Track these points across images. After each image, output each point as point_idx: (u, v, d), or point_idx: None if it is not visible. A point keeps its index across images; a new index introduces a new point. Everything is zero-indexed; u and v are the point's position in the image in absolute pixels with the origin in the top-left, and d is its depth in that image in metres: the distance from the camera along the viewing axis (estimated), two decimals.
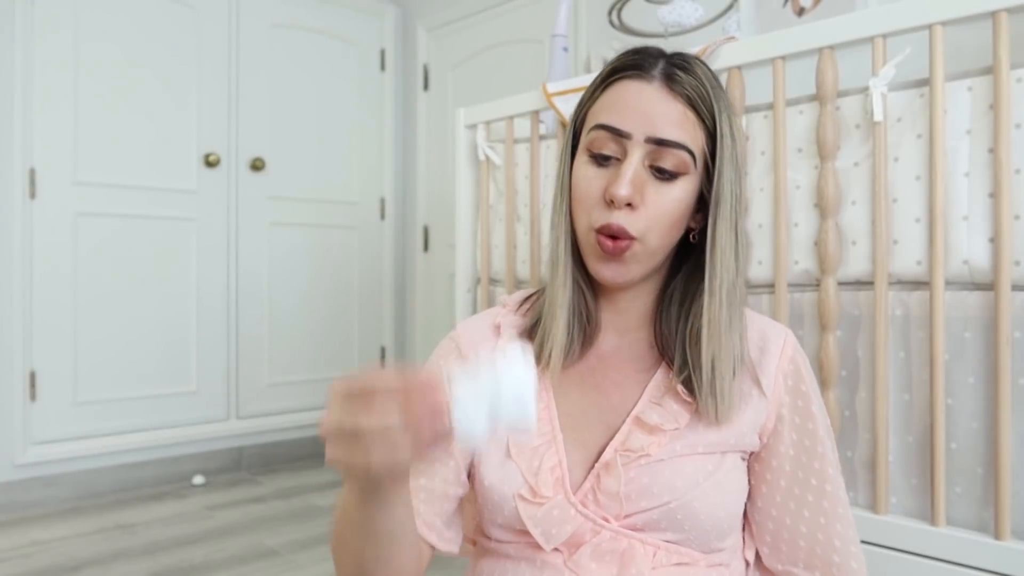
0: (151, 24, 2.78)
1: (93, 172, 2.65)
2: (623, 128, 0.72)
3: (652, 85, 0.72)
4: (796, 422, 0.77)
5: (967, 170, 1.09)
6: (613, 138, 0.72)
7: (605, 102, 0.74)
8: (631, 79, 0.73)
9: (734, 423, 0.74)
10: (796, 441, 0.77)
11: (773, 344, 0.78)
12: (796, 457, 0.76)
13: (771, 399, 0.76)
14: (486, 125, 1.83)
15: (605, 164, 0.74)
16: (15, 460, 2.49)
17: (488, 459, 0.75)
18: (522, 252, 1.76)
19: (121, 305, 2.72)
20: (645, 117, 0.71)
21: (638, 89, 0.72)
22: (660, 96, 0.72)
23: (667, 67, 0.73)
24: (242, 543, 2.18)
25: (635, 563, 0.70)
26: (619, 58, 0.76)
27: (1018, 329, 1.04)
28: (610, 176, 0.73)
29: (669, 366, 0.77)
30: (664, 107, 0.72)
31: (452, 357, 0.82)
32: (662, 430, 0.73)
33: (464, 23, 3.22)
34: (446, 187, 3.26)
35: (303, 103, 3.18)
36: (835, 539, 0.76)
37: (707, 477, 0.72)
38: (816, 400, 0.78)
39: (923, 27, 1.11)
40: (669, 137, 0.71)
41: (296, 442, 3.15)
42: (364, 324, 3.38)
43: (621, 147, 0.73)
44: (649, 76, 0.73)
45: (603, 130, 0.73)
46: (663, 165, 0.72)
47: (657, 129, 0.71)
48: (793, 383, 0.77)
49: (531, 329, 0.80)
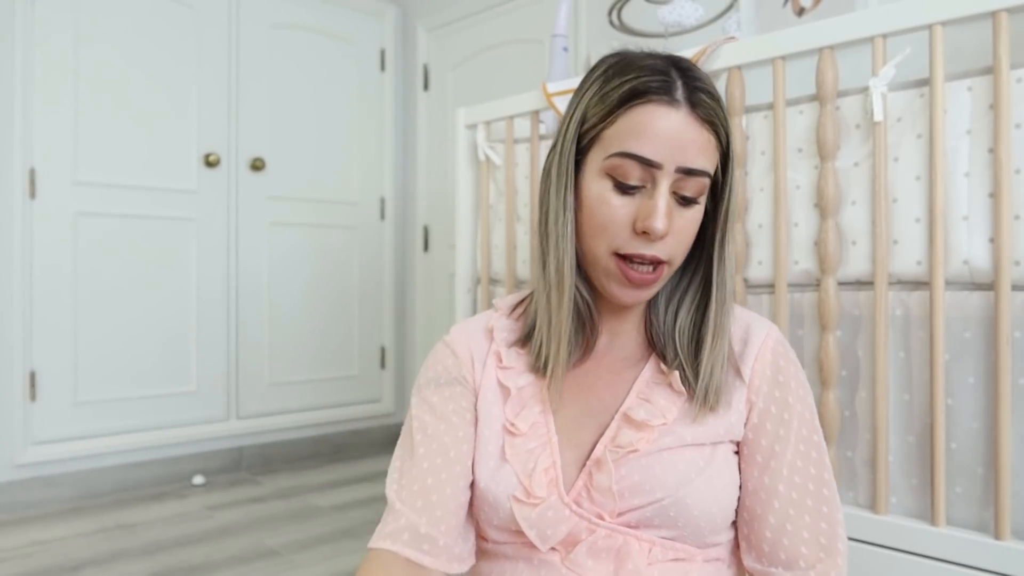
0: (151, 24, 2.78)
1: (93, 172, 2.65)
2: (655, 159, 0.70)
3: (679, 112, 0.70)
4: (772, 411, 0.76)
5: (967, 170, 1.09)
6: (641, 167, 0.71)
7: (629, 127, 0.71)
8: (656, 104, 0.70)
9: (722, 414, 0.75)
10: (771, 431, 0.76)
11: (756, 336, 0.79)
12: (770, 447, 0.75)
13: (748, 387, 0.77)
14: (486, 125, 1.83)
15: (630, 193, 0.72)
16: (15, 460, 2.49)
17: (484, 463, 0.76)
18: (522, 252, 1.76)
19: (121, 305, 2.72)
20: (676, 147, 0.70)
21: (666, 116, 0.70)
22: (688, 124, 0.70)
23: (689, 90, 0.71)
24: (242, 543, 2.18)
25: (631, 559, 0.71)
26: (639, 79, 0.71)
27: (1018, 329, 1.04)
28: (638, 206, 0.72)
29: (658, 359, 0.79)
30: (692, 135, 0.71)
31: (451, 364, 0.82)
32: (649, 425, 0.74)
33: (464, 23, 3.22)
34: (446, 187, 3.26)
35: (303, 103, 3.18)
36: (820, 530, 0.73)
37: (699, 472, 0.72)
38: (796, 391, 0.77)
39: (923, 27, 1.11)
40: (697, 166, 0.71)
41: (296, 442, 3.15)
42: (364, 324, 3.38)
43: (649, 176, 0.71)
44: (674, 101, 0.70)
45: (632, 159, 0.70)
46: (687, 193, 0.72)
47: (688, 159, 0.70)
48: (771, 373, 0.78)
49: (526, 336, 0.81)
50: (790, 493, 0.74)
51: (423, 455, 0.76)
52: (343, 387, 3.31)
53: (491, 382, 0.80)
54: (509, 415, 0.77)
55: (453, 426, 0.77)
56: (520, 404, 0.78)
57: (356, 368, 3.36)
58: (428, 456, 0.76)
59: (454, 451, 0.76)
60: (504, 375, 0.80)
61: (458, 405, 0.79)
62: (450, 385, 0.80)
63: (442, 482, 0.74)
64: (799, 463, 0.75)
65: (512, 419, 0.77)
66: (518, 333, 0.82)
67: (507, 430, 0.77)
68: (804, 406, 0.77)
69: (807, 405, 0.78)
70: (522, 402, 0.78)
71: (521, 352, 0.81)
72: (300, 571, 1.98)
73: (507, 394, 0.79)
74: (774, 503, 0.74)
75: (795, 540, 0.72)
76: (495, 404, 0.79)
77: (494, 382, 0.80)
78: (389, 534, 0.72)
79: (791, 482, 0.74)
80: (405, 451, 0.78)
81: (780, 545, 0.73)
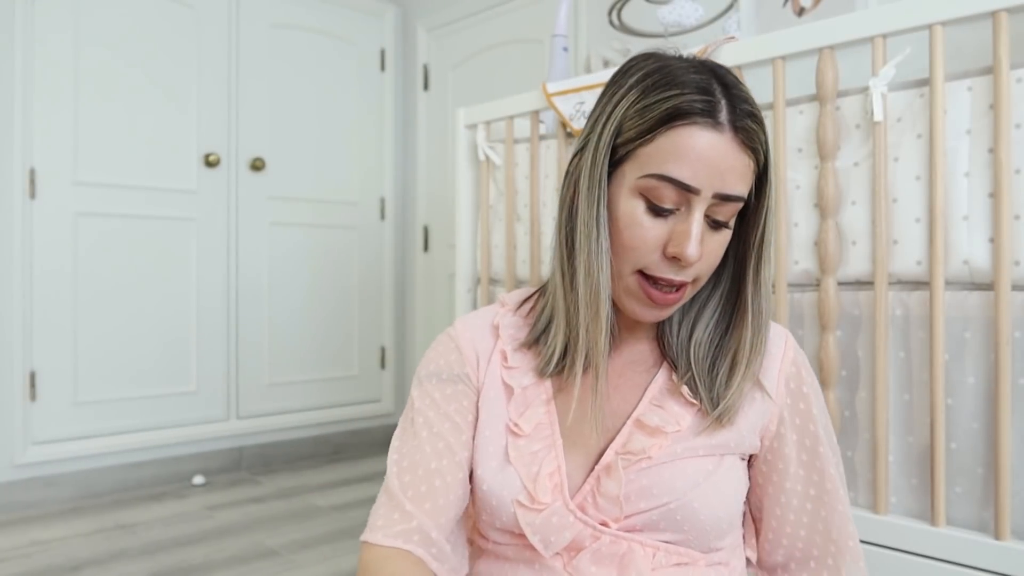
0: (151, 24, 2.78)
1: (93, 172, 2.65)
2: (694, 185, 0.67)
3: (723, 136, 0.67)
4: (797, 423, 0.77)
5: (967, 170, 1.09)
6: (677, 191, 0.68)
7: (669, 148, 0.67)
8: (701, 127, 0.67)
9: (735, 425, 0.75)
10: (797, 442, 0.77)
11: (775, 347, 0.78)
12: (797, 457, 0.77)
13: (775, 401, 0.77)
14: (486, 125, 1.83)
15: (663, 215, 0.70)
16: (15, 460, 2.49)
17: (487, 463, 0.75)
18: (522, 252, 1.76)
19: (121, 305, 2.72)
20: (716, 173, 0.67)
21: (709, 142, 0.67)
22: (730, 149, 0.68)
23: (734, 113, 0.68)
24: (242, 543, 2.18)
25: (635, 565, 0.70)
26: (681, 94, 0.67)
27: (1018, 329, 1.04)
28: (671, 230, 0.69)
29: (671, 368, 0.77)
30: (733, 161, 0.68)
31: (454, 360, 0.80)
32: (663, 432, 0.73)
33: (464, 23, 3.22)
34: (446, 187, 3.26)
35: (303, 103, 3.18)
36: (832, 530, 0.77)
37: (707, 477, 0.72)
38: (816, 401, 0.78)
39: (923, 27, 1.11)
40: (735, 193, 0.69)
41: (296, 442, 3.15)
42: (364, 324, 3.38)
43: (684, 200, 0.69)
44: (719, 125, 0.67)
45: (669, 183, 0.68)
46: (719, 218, 0.70)
47: (727, 186, 0.68)
48: (795, 385, 0.78)
49: (536, 339, 0.79)
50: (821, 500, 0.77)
51: (430, 454, 0.75)
52: (343, 387, 3.31)
53: (495, 380, 0.78)
54: (512, 415, 0.76)
55: (457, 427, 0.76)
56: (524, 404, 0.76)
57: (356, 368, 3.36)
58: (435, 456, 0.74)
59: (460, 455, 0.75)
60: (508, 374, 0.78)
61: (460, 404, 0.78)
62: (452, 383, 0.79)
63: (448, 485, 0.73)
64: (830, 471, 0.77)
65: (516, 419, 0.76)
66: (525, 333, 0.81)
67: (510, 430, 0.75)
68: (824, 414, 0.80)
69: (825, 412, 0.80)
70: (526, 402, 0.76)
71: (527, 354, 0.79)
72: (300, 571, 1.97)
73: (510, 393, 0.77)
74: (804, 515, 0.78)
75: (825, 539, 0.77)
76: (498, 403, 0.77)
77: (498, 380, 0.78)
78: (401, 533, 0.70)
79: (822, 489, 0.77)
80: (407, 442, 0.77)
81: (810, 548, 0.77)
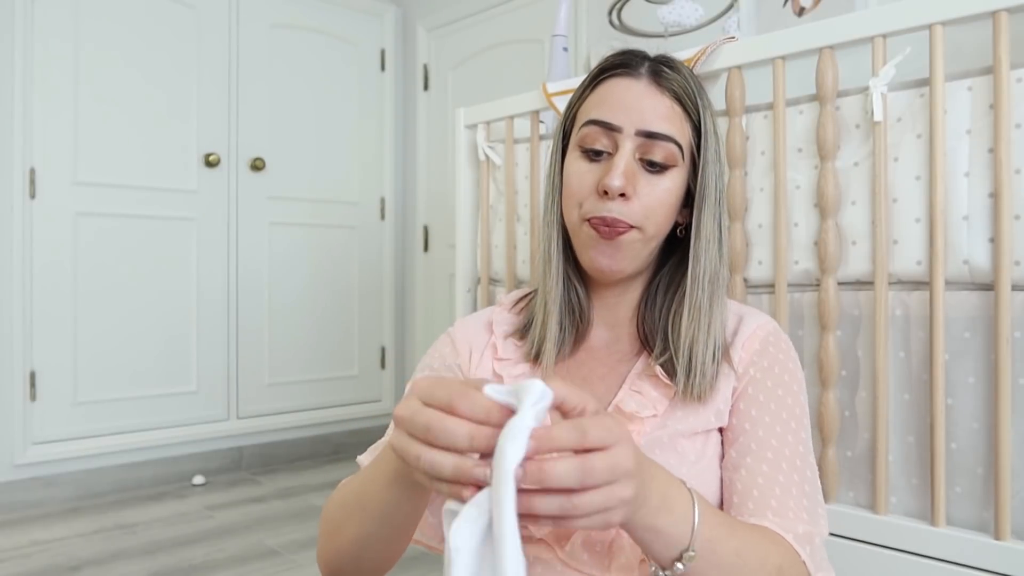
0: (151, 24, 2.78)
1: (93, 172, 2.65)
2: (614, 122, 0.74)
3: (640, 82, 0.75)
4: (758, 378, 0.76)
5: (967, 170, 1.09)
6: (604, 132, 0.75)
7: (594, 100, 0.77)
8: (619, 76, 0.76)
9: (711, 402, 0.75)
10: (763, 403, 0.75)
11: (747, 327, 0.79)
12: (759, 418, 0.74)
13: (737, 368, 0.77)
14: (486, 125, 1.83)
15: (597, 159, 0.76)
16: (15, 460, 2.49)
17: None
18: (522, 252, 1.76)
19: (121, 305, 2.72)
20: (635, 111, 0.74)
21: (627, 85, 0.75)
22: (648, 91, 0.75)
23: (653, 65, 0.77)
24: (242, 543, 2.18)
25: (624, 553, 0.71)
26: (606, 59, 0.79)
27: (1018, 329, 1.04)
28: (603, 169, 0.75)
29: (650, 354, 0.79)
30: (652, 101, 0.74)
31: (447, 353, 0.84)
32: (639, 417, 0.74)
33: (464, 23, 3.22)
34: (446, 187, 3.26)
35: (303, 103, 3.18)
36: (776, 487, 0.71)
37: (690, 467, 0.73)
38: (787, 369, 0.77)
39: (923, 27, 1.11)
40: (658, 130, 0.74)
41: (296, 442, 3.15)
42: (364, 324, 3.38)
43: (612, 141, 0.75)
44: (637, 73, 0.76)
45: (594, 125, 0.75)
46: (653, 158, 0.75)
47: (647, 122, 0.74)
48: (760, 347, 0.77)
49: (524, 329, 0.83)
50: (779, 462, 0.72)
51: None
52: (343, 387, 3.31)
53: (486, 372, 0.81)
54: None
55: None
56: None
57: (356, 368, 3.36)
58: None
59: None
60: (499, 365, 0.81)
61: None
62: (442, 373, 0.83)
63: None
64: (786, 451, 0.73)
65: None
66: (517, 325, 0.84)
67: None
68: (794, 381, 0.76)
69: (796, 384, 0.77)
70: None
71: (518, 343, 0.82)
72: (300, 571, 1.97)
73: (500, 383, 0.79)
74: (761, 470, 0.72)
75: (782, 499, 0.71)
76: None
77: (489, 373, 0.81)
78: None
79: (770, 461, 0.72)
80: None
81: (767, 504, 0.71)
